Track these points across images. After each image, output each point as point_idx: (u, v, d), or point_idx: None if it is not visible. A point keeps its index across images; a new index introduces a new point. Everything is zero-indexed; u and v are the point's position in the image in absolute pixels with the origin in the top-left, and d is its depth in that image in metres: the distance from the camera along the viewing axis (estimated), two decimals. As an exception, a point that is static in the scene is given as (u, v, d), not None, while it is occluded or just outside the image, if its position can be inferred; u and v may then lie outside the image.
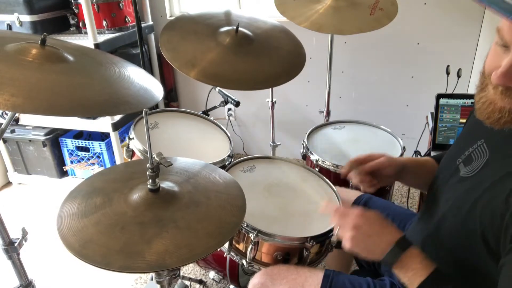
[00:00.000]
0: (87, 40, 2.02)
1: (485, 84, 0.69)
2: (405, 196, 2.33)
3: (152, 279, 1.71)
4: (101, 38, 2.09)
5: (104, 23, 2.17)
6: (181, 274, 1.76)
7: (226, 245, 1.11)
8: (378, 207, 1.18)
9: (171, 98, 2.79)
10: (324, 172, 1.41)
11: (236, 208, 0.92)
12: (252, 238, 1.03)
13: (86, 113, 0.77)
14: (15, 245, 1.00)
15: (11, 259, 1.02)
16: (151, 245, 0.77)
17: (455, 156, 0.85)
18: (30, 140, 2.36)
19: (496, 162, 0.73)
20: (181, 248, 0.78)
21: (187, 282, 1.70)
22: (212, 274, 1.65)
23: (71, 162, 2.43)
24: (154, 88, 0.93)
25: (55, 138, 2.37)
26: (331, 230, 1.07)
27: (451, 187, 0.82)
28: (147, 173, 0.86)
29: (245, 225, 1.04)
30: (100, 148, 2.34)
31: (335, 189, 1.22)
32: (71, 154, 2.41)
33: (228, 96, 1.82)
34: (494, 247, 0.66)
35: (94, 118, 2.20)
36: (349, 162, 1.02)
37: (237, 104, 1.79)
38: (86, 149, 2.38)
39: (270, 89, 1.87)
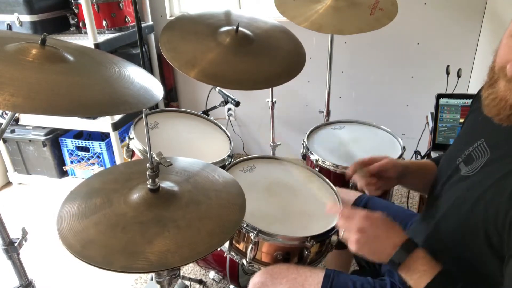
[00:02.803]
0: (87, 40, 2.02)
1: (495, 80, 0.68)
2: (405, 196, 2.32)
3: (152, 279, 1.71)
4: (101, 38, 2.09)
5: (104, 23, 2.17)
6: (181, 274, 1.75)
7: (226, 244, 1.11)
8: (378, 208, 1.18)
9: (171, 98, 2.78)
10: (324, 172, 1.41)
11: (236, 206, 0.92)
12: (252, 237, 1.03)
13: (86, 113, 0.77)
14: (15, 245, 1.00)
15: (11, 259, 1.02)
16: (152, 244, 0.77)
17: (455, 156, 0.85)
18: (30, 140, 2.36)
19: (498, 160, 0.73)
20: (182, 247, 0.78)
21: (187, 282, 1.70)
22: (212, 274, 1.65)
23: (71, 162, 2.43)
24: (154, 88, 0.92)
25: (55, 138, 2.37)
26: (331, 230, 1.07)
27: (452, 187, 0.82)
28: (147, 173, 0.87)
29: (245, 225, 1.04)
30: (100, 148, 2.34)
31: (335, 189, 1.22)
32: (71, 154, 2.41)
33: (228, 96, 1.82)
34: (497, 244, 0.66)
35: (94, 118, 2.20)
36: (353, 164, 1.01)
37: (237, 104, 1.79)
38: (86, 149, 2.38)
39: (270, 89, 1.87)
